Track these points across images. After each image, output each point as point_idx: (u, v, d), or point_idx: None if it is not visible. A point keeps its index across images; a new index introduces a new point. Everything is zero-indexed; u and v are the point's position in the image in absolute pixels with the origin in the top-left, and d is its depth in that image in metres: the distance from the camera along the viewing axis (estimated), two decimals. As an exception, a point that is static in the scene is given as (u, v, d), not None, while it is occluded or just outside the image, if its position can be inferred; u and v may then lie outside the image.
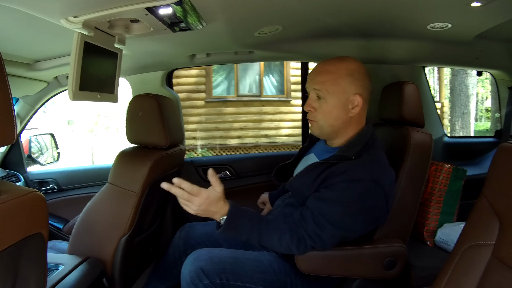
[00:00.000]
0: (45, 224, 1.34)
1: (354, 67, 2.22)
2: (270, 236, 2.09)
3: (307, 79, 2.29)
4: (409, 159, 2.41)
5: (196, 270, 2.12)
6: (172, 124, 2.58)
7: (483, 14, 2.37)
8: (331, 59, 2.27)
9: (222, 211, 2.06)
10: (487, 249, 1.37)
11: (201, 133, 11.81)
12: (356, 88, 2.20)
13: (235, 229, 2.08)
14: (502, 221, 1.35)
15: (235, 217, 2.07)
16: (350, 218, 2.09)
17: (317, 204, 2.10)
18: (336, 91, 2.19)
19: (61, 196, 3.61)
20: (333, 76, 2.19)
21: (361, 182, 2.08)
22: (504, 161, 1.41)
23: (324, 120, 2.24)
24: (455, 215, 3.02)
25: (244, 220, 2.08)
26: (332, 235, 2.08)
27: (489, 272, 1.34)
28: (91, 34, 1.79)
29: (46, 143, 3.83)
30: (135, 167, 2.41)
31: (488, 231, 1.38)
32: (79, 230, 2.42)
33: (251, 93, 12.09)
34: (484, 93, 20.10)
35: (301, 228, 2.08)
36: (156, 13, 1.76)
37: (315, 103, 2.24)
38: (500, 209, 1.37)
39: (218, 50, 3.07)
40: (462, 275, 1.41)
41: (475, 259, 1.39)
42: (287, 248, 2.10)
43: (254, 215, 2.12)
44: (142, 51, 2.68)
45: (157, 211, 2.86)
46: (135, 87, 3.49)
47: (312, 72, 2.28)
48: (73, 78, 1.74)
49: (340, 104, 2.20)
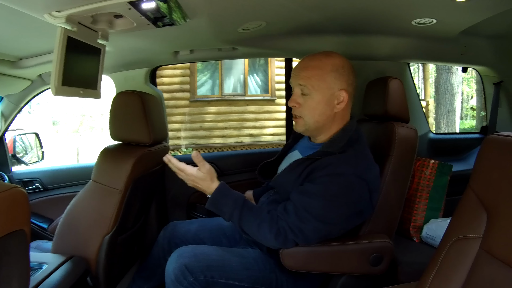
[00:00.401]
0: (27, 221, 1.32)
1: (340, 62, 2.21)
2: (250, 221, 2.12)
3: (292, 74, 2.27)
4: (394, 154, 2.41)
5: (180, 267, 2.11)
6: (155, 121, 2.57)
7: (468, 9, 2.37)
8: (316, 54, 2.25)
9: (209, 189, 2.18)
10: (475, 242, 1.36)
11: (186, 132, 11.80)
12: (341, 83, 2.20)
13: (218, 207, 2.16)
14: (490, 213, 1.34)
15: (220, 196, 2.16)
16: (332, 211, 2.09)
17: (299, 198, 2.09)
18: (322, 87, 2.18)
19: (45, 196, 3.57)
20: (319, 72, 2.18)
21: (344, 176, 2.08)
22: (491, 153, 1.41)
23: (309, 116, 2.22)
24: (441, 211, 3.03)
25: (228, 201, 2.14)
26: (315, 228, 2.07)
27: (478, 265, 1.33)
28: (74, 29, 1.77)
29: (30, 143, 3.80)
30: (118, 164, 2.39)
31: (476, 224, 1.37)
32: (62, 229, 2.40)
33: (235, 93, 12.13)
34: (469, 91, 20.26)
35: (283, 221, 2.08)
36: (139, 8, 1.74)
37: (300, 98, 2.23)
38: (488, 201, 1.36)
39: (201, 46, 3.05)
40: (450, 268, 1.40)
41: (463, 252, 1.38)
42: (264, 237, 2.11)
43: (239, 198, 2.16)
44: (126, 47, 2.66)
45: (141, 209, 2.84)
46: (119, 84, 3.47)
47: (297, 67, 2.26)
48: (56, 73, 1.71)
49: (325, 99, 2.19)
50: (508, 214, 1.27)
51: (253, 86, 12.25)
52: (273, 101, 12.27)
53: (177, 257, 2.16)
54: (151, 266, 2.75)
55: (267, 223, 2.09)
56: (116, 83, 3.48)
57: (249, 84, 12.17)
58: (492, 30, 2.89)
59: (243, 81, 12.08)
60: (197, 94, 11.91)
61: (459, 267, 1.37)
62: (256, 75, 12.26)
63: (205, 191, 2.20)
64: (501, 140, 1.39)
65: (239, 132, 12.17)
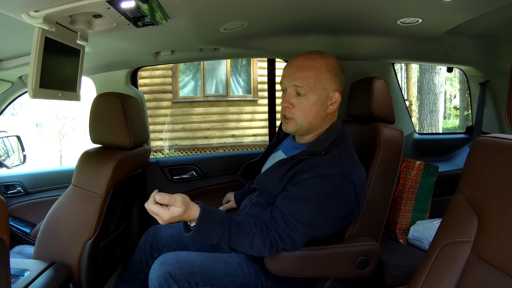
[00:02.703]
0: (6, 229, 1.29)
1: (334, 63, 2.22)
2: (241, 240, 2.04)
3: (284, 74, 2.24)
4: (379, 155, 2.38)
5: (164, 275, 2.07)
6: (136, 124, 2.55)
7: (454, 9, 2.37)
8: (309, 53, 2.23)
9: (191, 218, 1.99)
10: (466, 246, 1.34)
11: (168, 134, 11.78)
12: (335, 84, 2.20)
13: (205, 234, 2.02)
14: (480, 217, 1.33)
15: (205, 222, 2.00)
16: (321, 215, 2.06)
17: (286, 204, 2.06)
18: (318, 88, 2.17)
19: (27, 200, 3.54)
20: (315, 73, 2.16)
21: (331, 178, 2.05)
22: (481, 155, 1.39)
23: (303, 117, 2.20)
24: (427, 212, 3.03)
25: (214, 225, 2.01)
26: (304, 234, 2.05)
27: (469, 270, 1.31)
28: (52, 29, 1.74)
29: (12, 146, 3.74)
30: (98, 168, 2.36)
31: (466, 228, 1.35)
32: (44, 234, 2.37)
33: (218, 93, 12.14)
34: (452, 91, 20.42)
35: (272, 230, 2.04)
36: (118, 7, 1.71)
37: (294, 99, 2.20)
38: (478, 205, 1.34)
39: (182, 47, 3.02)
40: (440, 273, 1.37)
41: (453, 256, 1.36)
42: (258, 252, 2.05)
43: (224, 218, 2.04)
44: (106, 48, 2.63)
45: (122, 213, 2.81)
46: (99, 86, 3.44)
47: (290, 67, 2.23)
48: (33, 76, 1.67)
49: (320, 101, 2.18)
50: (499, 217, 1.26)
51: (235, 87, 12.28)
52: (255, 102, 12.29)
53: (160, 264, 2.12)
54: (133, 271, 2.71)
55: (259, 238, 2.04)
56: (96, 85, 3.45)
57: (232, 85, 12.21)
58: (478, 30, 2.89)
59: (226, 82, 12.11)
60: (180, 95, 11.89)
61: (450, 272, 1.35)
62: (239, 75, 12.29)
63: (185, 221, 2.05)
64: (491, 142, 1.37)
65: (221, 133, 12.20)
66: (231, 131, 12.24)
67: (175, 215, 1.93)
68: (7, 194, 3.45)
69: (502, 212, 1.25)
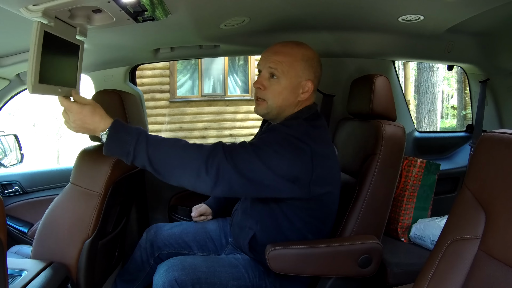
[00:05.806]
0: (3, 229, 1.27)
1: (310, 54, 2.26)
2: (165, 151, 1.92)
3: (261, 57, 2.29)
4: (381, 153, 2.37)
5: (170, 282, 2.08)
6: (135, 121, 2.52)
7: (456, 6, 2.37)
8: (288, 42, 2.28)
9: (101, 126, 1.91)
10: (474, 243, 1.31)
11: (166, 133, 11.75)
12: (309, 74, 2.24)
13: (120, 139, 1.91)
14: (488, 213, 1.30)
15: (119, 127, 1.91)
16: (268, 154, 1.98)
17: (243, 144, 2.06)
18: (291, 73, 2.21)
19: (25, 199, 3.51)
20: (290, 59, 2.21)
21: (288, 136, 2.05)
22: (487, 150, 1.36)
23: (273, 100, 2.23)
24: (429, 210, 3.02)
25: (129, 130, 1.92)
26: (248, 158, 1.95)
27: (477, 267, 1.29)
28: (51, 24, 1.70)
29: (9, 145, 3.72)
30: (97, 166, 2.33)
31: (474, 224, 1.33)
32: (41, 234, 2.34)
33: (215, 93, 12.10)
34: (450, 90, 20.42)
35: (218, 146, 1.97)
36: (118, 1, 1.70)
37: (266, 81, 2.24)
38: (486, 201, 1.32)
39: (182, 43, 3.02)
40: (447, 270, 1.35)
41: (461, 253, 1.33)
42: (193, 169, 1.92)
43: (143, 130, 1.96)
44: (105, 44, 2.62)
45: (121, 212, 2.78)
46: (98, 84, 3.43)
47: (268, 51, 2.27)
48: (32, 70, 1.64)
49: (291, 86, 2.21)
50: (507, 212, 1.23)
51: (233, 86, 12.26)
52: (253, 101, 12.26)
53: (166, 270, 2.13)
54: (133, 270, 2.70)
55: (195, 149, 1.93)
56: (95, 82, 3.44)
57: (229, 84, 12.18)
58: (478, 28, 2.88)
59: (223, 81, 12.08)
60: (177, 94, 11.87)
61: (457, 269, 1.33)
62: (236, 75, 12.27)
63: (94, 131, 1.91)
64: (498, 137, 1.35)
65: (219, 132, 12.16)
66: (228, 130, 12.22)
67: (84, 112, 1.87)
68: (4, 193, 3.42)
69: (510, 207, 1.23)
